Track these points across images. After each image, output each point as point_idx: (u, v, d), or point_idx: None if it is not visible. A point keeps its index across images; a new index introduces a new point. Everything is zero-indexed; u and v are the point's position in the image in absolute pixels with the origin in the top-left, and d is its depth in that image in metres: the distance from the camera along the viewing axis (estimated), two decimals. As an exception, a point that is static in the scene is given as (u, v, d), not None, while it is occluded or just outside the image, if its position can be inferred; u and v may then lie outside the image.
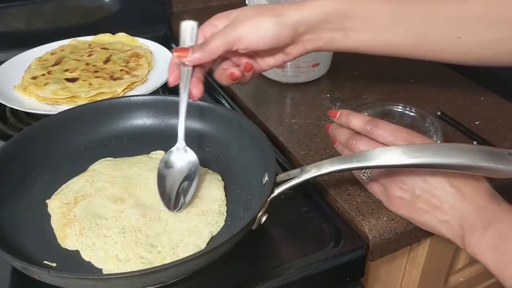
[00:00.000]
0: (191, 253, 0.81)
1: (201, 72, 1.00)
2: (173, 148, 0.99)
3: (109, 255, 0.88)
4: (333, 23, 0.98)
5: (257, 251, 0.93)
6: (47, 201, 0.99)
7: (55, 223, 0.95)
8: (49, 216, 0.96)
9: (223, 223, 0.95)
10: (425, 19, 0.97)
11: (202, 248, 0.89)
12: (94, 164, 1.07)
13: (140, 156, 1.09)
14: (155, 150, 1.10)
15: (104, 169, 1.05)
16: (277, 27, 0.95)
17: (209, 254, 0.80)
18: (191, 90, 0.98)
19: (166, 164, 0.99)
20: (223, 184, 1.02)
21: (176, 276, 0.84)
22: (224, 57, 1.02)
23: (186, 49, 0.96)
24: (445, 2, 0.96)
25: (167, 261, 0.86)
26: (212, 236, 0.92)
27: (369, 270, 1.09)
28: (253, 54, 1.02)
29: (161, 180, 0.98)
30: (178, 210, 0.95)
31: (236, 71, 1.00)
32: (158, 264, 0.84)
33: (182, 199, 0.96)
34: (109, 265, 0.87)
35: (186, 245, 0.89)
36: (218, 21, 1.00)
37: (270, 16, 0.95)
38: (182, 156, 0.99)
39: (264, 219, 0.89)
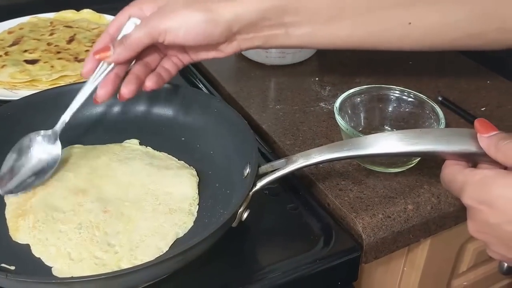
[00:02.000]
0: (150, 256, 0.83)
1: (123, 68, 0.98)
2: (43, 133, 0.99)
3: (61, 252, 0.87)
4: (272, 20, 0.96)
5: (238, 252, 0.93)
6: None
7: (8, 213, 0.95)
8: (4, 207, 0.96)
9: (191, 224, 0.93)
10: (371, 6, 0.97)
11: (164, 251, 0.88)
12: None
13: (112, 144, 1.09)
14: (125, 139, 1.09)
15: (70, 158, 1.05)
16: (208, 24, 0.93)
17: (184, 255, 0.79)
18: (97, 89, 0.96)
19: (26, 148, 0.99)
20: (197, 180, 1.01)
21: (148, 280, 0.83)
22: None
23: (106, 48, 0.95)
24: None
25: (123, 263, 0.86)
26: (177, 238, 0.91)
27: (363, 273, 1.09)
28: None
29: (12, 159, 0.98)
30: (6, 193, 0.96)
31: (132, 87, 0.97)
32: (113, 266, 0.84)
33: (19, 186, 0.97)
34: (59, 264, 0.86)
35: (147, 247, 0.88)
36: (145, 5, 0.98)
37: (200, 11, 0.92)
38: (49, 147, 0.99)
39: (245, 215, 0.88)
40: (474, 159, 0.82)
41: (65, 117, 0.99)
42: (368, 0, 0.97)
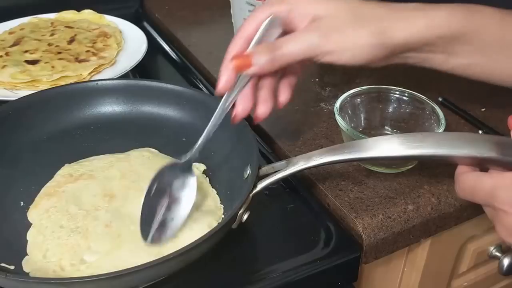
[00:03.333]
0: None
1: (258, 78, 0.87)
2: (179, 166, 0.90)
3: (42, 245, 0.87)
4: (439, 46, 0.90)
5: (238, 253, 0.92)
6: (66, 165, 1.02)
7: (45, 187, 0.97)
8: (4, 213, 0.95)
9: None
10: None
11: None
12: (136, 150, 1.06)
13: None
14: (127, 141, 1.08)
15: (135, 159, 1.03)
16: (375, 48, 0.85)
17: (184, 256, 0.79)
18: (236, 106, 0.86)
19: (161, 187, 0.88)
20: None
21: (148, 280, 0.83)
22: None
23: (245, 57, 0.82)
24: None
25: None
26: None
27: (363, 273, 1.08)
28: None
29: (150, 204, 0.87)
30: (153, 243, 0.86)
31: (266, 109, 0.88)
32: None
33: (162, 233, 0.87)
34: (33, 255, 0.86)
35: None
36: (298, 6, 0.85)
37: (371, 33, 0.84)
38: (186, 182, 0.89)
39: (245, 217, 0.88)
40: (478, 164, 0.82)
41: (200, 143, 0.91)
42: None
